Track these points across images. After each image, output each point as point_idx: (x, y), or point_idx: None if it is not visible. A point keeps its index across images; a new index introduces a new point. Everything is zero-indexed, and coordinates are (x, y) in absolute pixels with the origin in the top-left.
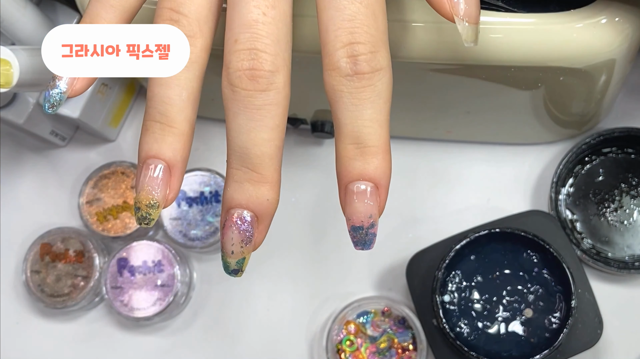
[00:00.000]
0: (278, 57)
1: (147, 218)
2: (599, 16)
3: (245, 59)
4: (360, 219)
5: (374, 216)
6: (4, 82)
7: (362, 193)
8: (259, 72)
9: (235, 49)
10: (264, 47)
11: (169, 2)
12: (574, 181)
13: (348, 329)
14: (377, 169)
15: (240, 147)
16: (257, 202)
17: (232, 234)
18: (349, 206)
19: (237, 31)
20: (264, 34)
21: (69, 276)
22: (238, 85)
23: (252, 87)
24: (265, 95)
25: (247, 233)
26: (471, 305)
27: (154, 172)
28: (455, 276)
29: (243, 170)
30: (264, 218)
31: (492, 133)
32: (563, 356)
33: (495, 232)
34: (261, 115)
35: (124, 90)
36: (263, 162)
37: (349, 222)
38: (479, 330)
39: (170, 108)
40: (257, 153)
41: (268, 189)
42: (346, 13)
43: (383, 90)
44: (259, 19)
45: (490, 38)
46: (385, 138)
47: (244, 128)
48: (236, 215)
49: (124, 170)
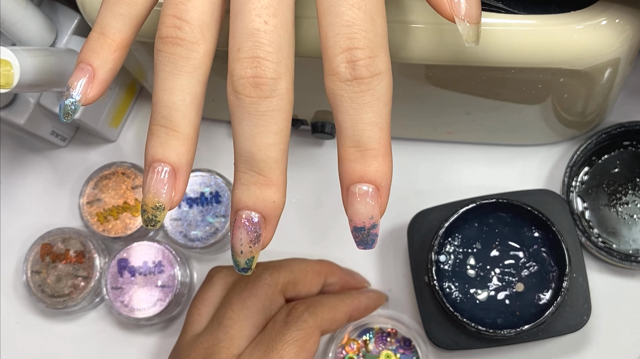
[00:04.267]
0: (280, 64)
1: (153, 220)
2: (600, 17)
3: (248, 66)
4: (362, 220)
5: (375, 217)
6: (5, 82)
7: (364, 195)
8: (261, 79)
9: (238, 57)
10: (266, 55)
11: (172, 9)
12: (590, 169)
13: (350, 347)
14: (378, 171)
15: (246, 152)
16: (264, 204)
17: (240, 235)
18: (351, 207)
19: (239, 40)
20: (266, 42)
21: (69, 276)
22: (242, 93)
23: (256, 94)
24: (268, 101)
25: (255, 233)
26: (464, 270)
27: (160, 175)
28: (455, 239)
29: (250, 173)
30: (271, 219)
31: (493, 134)
32: (545, 334)
33: (502, 202)
34: (265, 121)
35: (125, 90)
36: (268, 166)
37: (351, 223)
38: (468, 295)
39: (174, 113)
40: (263, 158)
41: (274, 191)
42: (344, 19)
43: (383, 93)
44: (260, 27)
45: (490, 39)
46: (385, 141)
47: (248, 134)
48: (244, 217)
49: (124, 170)
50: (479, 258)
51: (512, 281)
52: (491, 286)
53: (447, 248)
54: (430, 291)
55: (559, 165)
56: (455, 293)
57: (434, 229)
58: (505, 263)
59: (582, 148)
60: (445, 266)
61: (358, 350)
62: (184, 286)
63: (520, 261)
